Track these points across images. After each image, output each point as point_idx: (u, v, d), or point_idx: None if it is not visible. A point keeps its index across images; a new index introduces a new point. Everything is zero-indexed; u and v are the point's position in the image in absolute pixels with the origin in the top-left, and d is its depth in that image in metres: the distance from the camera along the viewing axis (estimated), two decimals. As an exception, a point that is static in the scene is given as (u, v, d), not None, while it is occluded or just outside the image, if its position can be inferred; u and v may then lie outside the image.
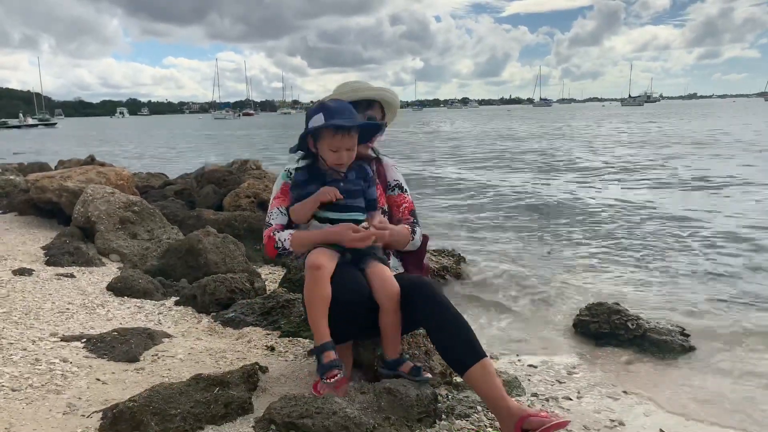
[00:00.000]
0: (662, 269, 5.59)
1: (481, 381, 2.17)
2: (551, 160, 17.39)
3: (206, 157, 20.89)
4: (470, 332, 2.25)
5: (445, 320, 2.26)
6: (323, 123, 2.29)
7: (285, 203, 2.52)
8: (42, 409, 2.22)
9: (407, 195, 2.73)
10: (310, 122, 2.35)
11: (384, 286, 2.30)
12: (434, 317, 2.28)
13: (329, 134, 2.31)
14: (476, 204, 10.03)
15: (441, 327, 2.26)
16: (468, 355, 2.19)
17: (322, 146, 2.35)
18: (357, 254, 2.35)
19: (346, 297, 2.22)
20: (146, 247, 5.25)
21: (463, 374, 2.21)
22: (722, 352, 3.65)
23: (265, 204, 6.92)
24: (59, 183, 6.30)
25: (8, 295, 3.63)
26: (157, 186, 9.03)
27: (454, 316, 2.27)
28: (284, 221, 2.52)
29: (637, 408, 2.89)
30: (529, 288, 5.08)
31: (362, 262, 2.35)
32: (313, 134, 2.35)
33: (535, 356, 3.61)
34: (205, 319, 3.61)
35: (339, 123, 2.29)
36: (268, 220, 2.52)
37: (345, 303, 2.23)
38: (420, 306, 2.30)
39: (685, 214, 8.35)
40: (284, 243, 2.42)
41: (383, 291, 2.30)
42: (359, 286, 2.27)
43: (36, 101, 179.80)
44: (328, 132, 2.30)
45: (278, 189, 2.59)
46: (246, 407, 2.28)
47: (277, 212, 2.53)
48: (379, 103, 2.68)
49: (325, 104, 2.37)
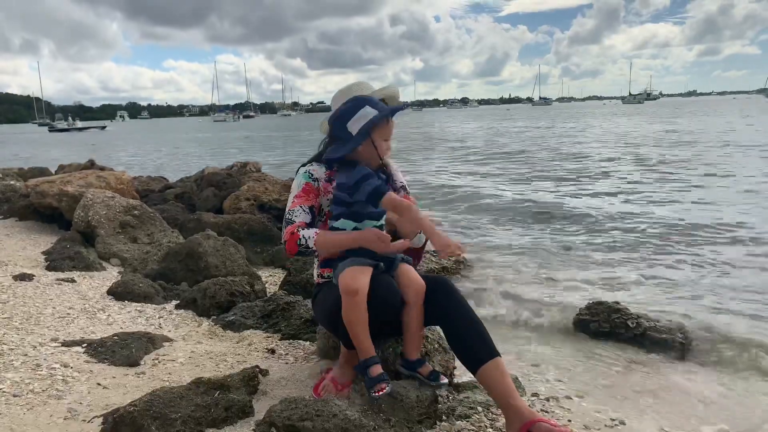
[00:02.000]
0: (663, 268, 5.59)
1: (493, 379, 2.18)
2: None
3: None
4: (486, 331, 2.28)
5: (462, 316, 2.29)
6: (383, 110, 2.29)
7: (308, 202, 2.44)
8: (43, 414, 2.23)
9: (411, 198, 2.75)
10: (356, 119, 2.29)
11: (411, 283, 2.33)
12: (452, 313, 2.31)
13: (384, 123, 2.32)
14: (478, 205, 10.04)
15: (458, 323, 2.29)
16: (483, 352, 2.21)
17: (376, 138, 2.34)
18: (388, 260, 2.33)
19: (381, 306, 2.24)
20: (146, 251, 5.26)
21: (476, 371, 2.21)
22: (722, 350, 3.65)
23: (265, 206, 6.93)
24: (59, 188, 6.31)
25: (9, 300, 3.64)
26: (157, 189, 9.04)
27: (470, 313, 2.31)
28: (308, 219, 2.42)
29: (637, 407, 2.89)
30: (528, 287, 5.09)
31: (393, 268, 2.35)
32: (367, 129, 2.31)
33: (536, 355, 3.61)
34: (206, 323, 3.62)
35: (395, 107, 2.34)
36: (290, 218, 2.41)
37: (382, 313, 2.25)
38: (439, 302, 2.33)
39: (691, 216, 8.36)
40: (308, 241, 2.32)
41: (411, 287, 2.32)
42: (394, 295, 2.28)
43: (36, 106, 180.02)
44: (384, 121, 2.32)
45: (299, 188, 2.47)
46: (247, 410, 2.28)
47: (300, 210, 2.42)
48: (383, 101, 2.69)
49: (364, 98, 2.36)
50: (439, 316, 2.36)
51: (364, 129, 2.28)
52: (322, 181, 2.51)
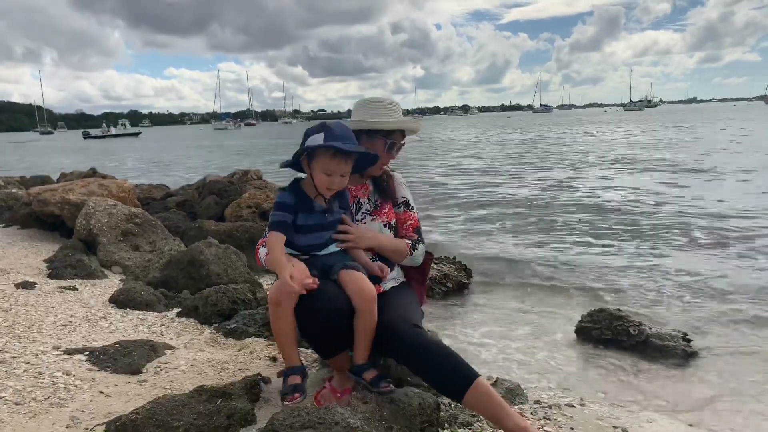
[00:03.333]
0: (666, 275, 5.59)
1: (479, 404, 2.15)
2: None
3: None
4: (453, 360, 2.18)
5: (423, 359, 2.19)
6: (322, 143, 2.21)
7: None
8: (45, 422, 2.22)
9: (413, 212, 2.72)
10: (308, 141, 2.26)
11: (358, 289, 2.25)
12: (412, 359, 2.22)
13: (327, 156, 2.22)
14: (482, 210, 10.04)
15: (422, 367, 2.20)
16: (458, 383, 2.15)
17: (315, 167, 2.26)
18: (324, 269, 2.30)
19: (322, 310, 2.20)
20: (148, 259, 5.27)
21: (461, 402, 2.18)
22: (726, 357, 3.65)
23: (266, 214, 6.94)
24: (61, 196, 6.32)
25: (11, 308, 3.64)
26: (159, 197, 9.06)
27: (430, 352, 2.18)
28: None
29: (640, 414, 2.89)
30: (531, 295, 5.09)
31: (331, 274, 2.30)
32: (309, 153, 2.26)
33: (538, 363, 3.61)
34: (207, 331, 3.62)
35: (339, 146, 2.20)
36: (266, 231, 2.48)
37: (322, 316, 2.21)
38: (394, 349, 2.26)
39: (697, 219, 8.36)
40: (262, 260, 2.45)
41: (358, 294, 2.25)
42: (333, 297, 2.23)
43: (38, 114, 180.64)
44: (326, 153, 2.22)
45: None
46: (249, 418, 2.28)
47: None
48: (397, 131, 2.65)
49: (327, 125, 2.28)
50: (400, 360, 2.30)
51: (298, 151, 2.26)
52: None
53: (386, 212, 2.62)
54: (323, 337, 2.31)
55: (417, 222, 2.70)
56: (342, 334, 2.30)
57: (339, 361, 2.45)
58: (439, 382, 2.20)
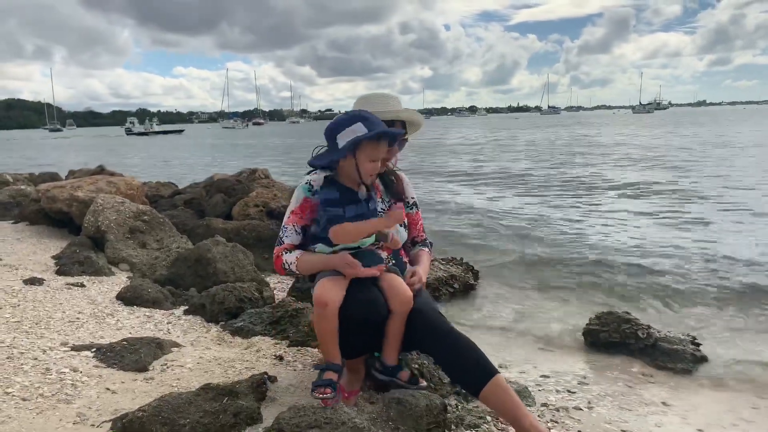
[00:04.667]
0: (675, 278, 5.55)
1: (496, 400, 2.15)
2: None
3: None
4: (476, 352, 2.21)
5: (448, 346, 2.23)
6: (371, 131, 2.22)
7: (302, 222, 2.44)
8: (52, 418, 2.23)
9: (420, 212, 2.78)
10: (346, 132, 2.25)
11: (398, 293, 2.29)
12: (437, 345, 2.25)
13: (372, 143, 2.25)
14: (487, 216, 10.02)
15: (445, 354, 2.23)
16: (478, 376, 2.16)
17: (360, 157, 2.26)
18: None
19: (362, 315, 2.23)
20: (155, 257, 5.27)
21: (477, 396, 2.19)
22: (735, 361, 3.61)
23: (273, 212, 6.94)
24: (70, 193, 6.35)
25: (19, 304, 3.65)
26: (167, 195, 9.08)
27: (456, 340, 2.23)
28: (297, 240, 2.44)
29: (648, 418, 2.86)
30: (539, 297, 5.06)
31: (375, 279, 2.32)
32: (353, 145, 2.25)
33: (545, 366, 3.58)
34: (214, 329, 3.62)
35: (386, 131, 2.25)
36: (281, 237, 2.46)
37: (361, 321, 2.24)
38: (420, 334, 2.29)
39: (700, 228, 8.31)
40: (291, 266, 2.40)
41: (396, 298, 2.28)
42: (375, 303, 2.25)
43: (47, 111, 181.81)
44: (371, 141, 2.24)
45: (297, 204, 2.47)
46: (255, 417, 2.27)
47: (292, 230, 2.45)
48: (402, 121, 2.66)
49: (362, 114, 2.30)
50: (424, 346, 2.33)
51: (348, 144, 2.24)
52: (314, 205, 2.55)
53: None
54: (359, 338, 2.33)
55: (422, 221, 2.78)
56: (374, 338, 2.35)
57: (355, 362, 2.46)
58: (460, 372, 2.23)
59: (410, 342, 2.36)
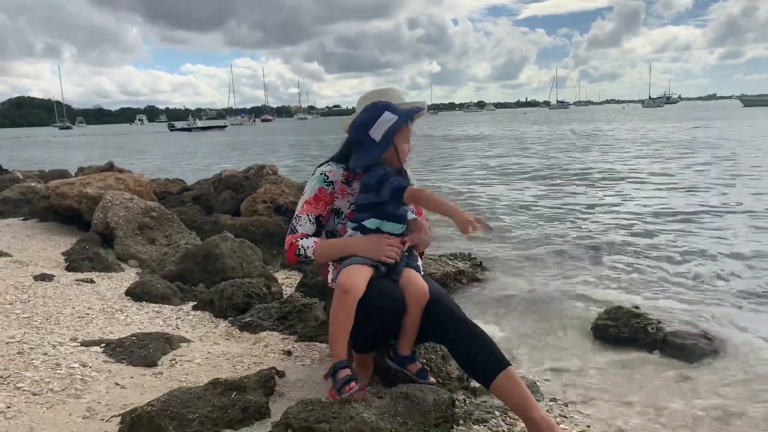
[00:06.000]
0: (685, 273, 5.51)
1: (507, 391, 2.15)
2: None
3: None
4: (490, 343, 2.22)
5: (463, 334, 2.24)
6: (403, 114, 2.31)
7: (316, 211, 2.46)
8: (62, 413, 2.24)
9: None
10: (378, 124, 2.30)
11: (416, 289, 2.30)
12: (452, 333, 2.26)
13: (405, 127, 2.34)
14: (496, 207, 9.99)
15: (460, 342, 2.24)
16: (490, 366, 2.17)
17: (398, 141, 2.35)
18: (390, 265, 2.32)
19: (380, 310, 2.22)
20: (164, 253, 5.30)
21: (488, 387, 2.18)
22: (748, 357, 3.57)
23: (281, 209, 6.95)
24: (79, 189, 6.39)
25: (30, 300, 3.68)
26: (175, 192, 9.12)
27: (471, 329, 2.24)
28: (311, 230, 2.44)
29: (658, 415, 2.84)
30: (547, 292, 5.04)
31: (395, 273, 2.33)
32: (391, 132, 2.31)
33: (554, 361, 3.57)
34: (223, 324, 3.63)
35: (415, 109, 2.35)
36: (294, 225, 2.45)
37: (379, 316, 2.24)
38: (436, 320, 2.29)
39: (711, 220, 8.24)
40: (307, 251, 2.37)
41: (414, 294, 2.29)
42: (394, 300, 2.25)
43: (57, 109, 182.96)
44: (405, 125, 2.33)
45: (312, 194, 2.48)
46: (263, 412, 2.28)
47: (306, 219, 2.45)
48: None
49: (382, 104, 2.36)
50: (439, 334, 2.33)
51: (388, 135, 2.30)
52: (338, 183, 2.50)
53: None
54: (373, 333, 2.33)
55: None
56: (389, 333, 2.36)
57: (365, 357, 2.46)
58: (473, 360, 2.22)
59: (428, 331, 2.34)
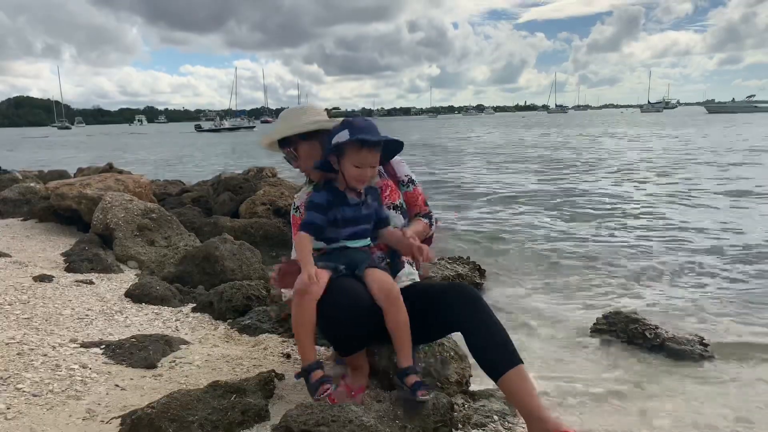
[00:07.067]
0: (684, 278, 5.53)
1: (516, 387, 2.14)
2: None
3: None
4: (508, 337, 2.23)
5: (483, 322, 2.24)
6: (348, 138, 2.27)
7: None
8: (62, 414, 2.25)
9: (419, 186, 2.77)
10: (334, 139, 2.32)
11: (379, 285, 2.27)
12: (472, 319, 2.25)
13: (354, 150, 2.27)
14: (497, 210, 10.00)
15: (478, 329, 2.23)
16: (504, 359, 2.17)
17: (345, 163, 2.31)
18: (350, 264, 2.32)
19: (343, 307, 2.20)
20: (164, 254, 5.30)
21: (497, 379, 2.17)
22: (744, 362, 3.59)
23: (280, 211, 6.97)
24: (78, 190, 6.39)
25: (29, 300, 3.68)
26: (175, 193, 9.13)
27: (492, 319, 2.25)
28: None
29: (655, 419, 2.86)
30: (545, 296, 5.05)
31: (358, 270, 2.33)
32: (336, 150, 2.31)
33: (552, 365, 3.58)
34: (222, 326, 3.63)
35: (365, 137, 2.26)
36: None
37: (344, 313, 2.21)
38: (458, 307, 2.28)
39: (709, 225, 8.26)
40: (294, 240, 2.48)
41: (379, 290, 2.26)
42: (356, 292, 2.23)
43: (56, 109, 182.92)
44: (354, 147, 2.27)
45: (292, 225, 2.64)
46: (262, 414, 2.29)
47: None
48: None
49: (350, 121, 2.35)
50: (458, 323, 2.31)
51: (331, 147, 2.33)
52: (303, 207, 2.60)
53: (387, 195, 2.62)
54: (343, 333, 2.31)
55: (423, 195, 2.77)
56: (362, 332, 2.32)
57: (356, 359, 2.46)
58: (486, 351, 2.21)
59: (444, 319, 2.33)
